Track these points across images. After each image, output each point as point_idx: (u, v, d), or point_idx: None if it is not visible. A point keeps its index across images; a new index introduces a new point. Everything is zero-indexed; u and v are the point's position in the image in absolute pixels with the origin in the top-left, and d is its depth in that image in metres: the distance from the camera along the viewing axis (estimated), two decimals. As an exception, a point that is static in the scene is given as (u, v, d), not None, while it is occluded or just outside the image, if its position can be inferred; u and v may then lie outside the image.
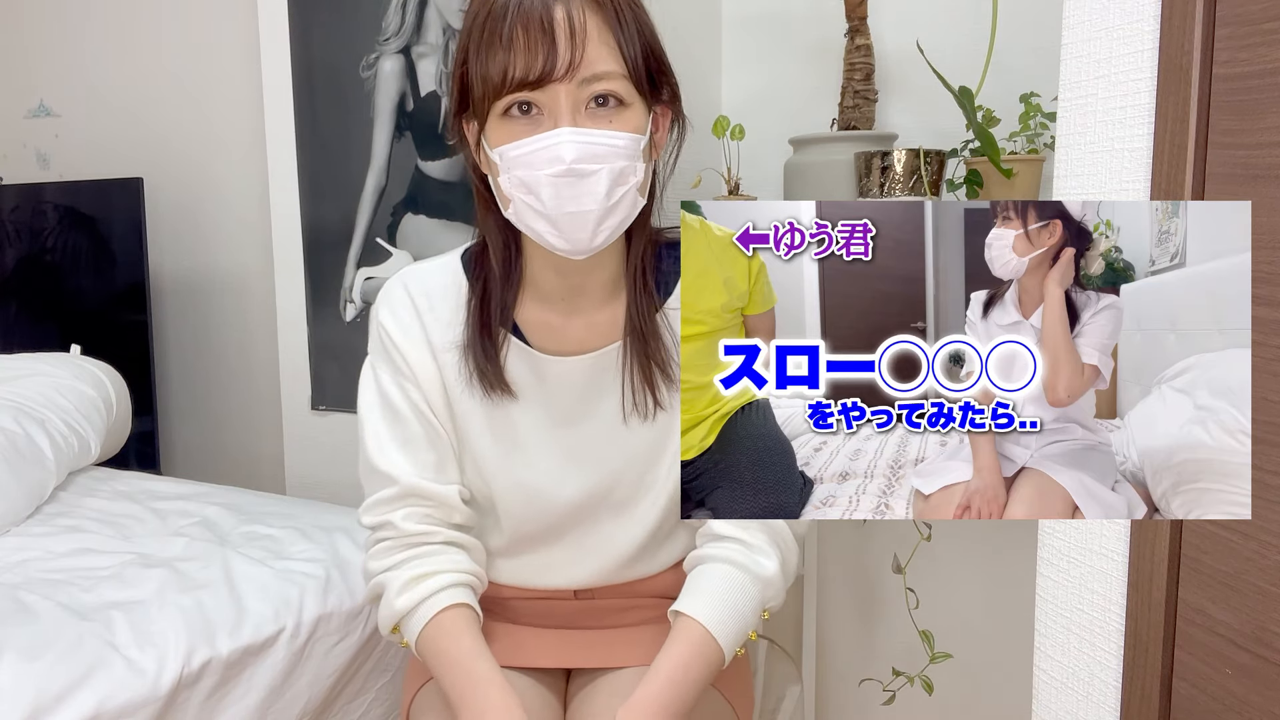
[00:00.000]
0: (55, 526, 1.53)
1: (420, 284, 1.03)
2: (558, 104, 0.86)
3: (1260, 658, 0.62)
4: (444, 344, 1.01)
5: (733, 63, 1.74)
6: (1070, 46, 0.73)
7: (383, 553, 1.03)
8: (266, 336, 2.23)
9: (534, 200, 0.88)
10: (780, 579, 0.99)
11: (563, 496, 1.03)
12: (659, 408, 1.00)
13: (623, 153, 0.88)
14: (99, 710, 1.05)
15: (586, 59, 0.85)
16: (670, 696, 0.92)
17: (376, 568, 1.03)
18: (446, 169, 1.75)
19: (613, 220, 0.90)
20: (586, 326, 1.01)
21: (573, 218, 0.88)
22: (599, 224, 0.89)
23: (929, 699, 1.52)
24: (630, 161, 0.89)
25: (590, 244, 0.90)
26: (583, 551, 1.06)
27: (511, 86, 0.86)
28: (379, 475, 1.02)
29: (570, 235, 0.89)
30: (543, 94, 0.86)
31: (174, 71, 2.35)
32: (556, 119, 0.86)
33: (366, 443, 1.03)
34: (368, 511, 1.04)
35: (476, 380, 1.00)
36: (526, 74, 0.85)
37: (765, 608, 1.00)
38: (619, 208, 0.90)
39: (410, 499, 1.02)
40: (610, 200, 0.88)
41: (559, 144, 0.86)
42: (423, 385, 1.02)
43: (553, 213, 0.88)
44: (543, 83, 0.85)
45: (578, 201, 0.87)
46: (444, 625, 0.98)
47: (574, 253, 0.91)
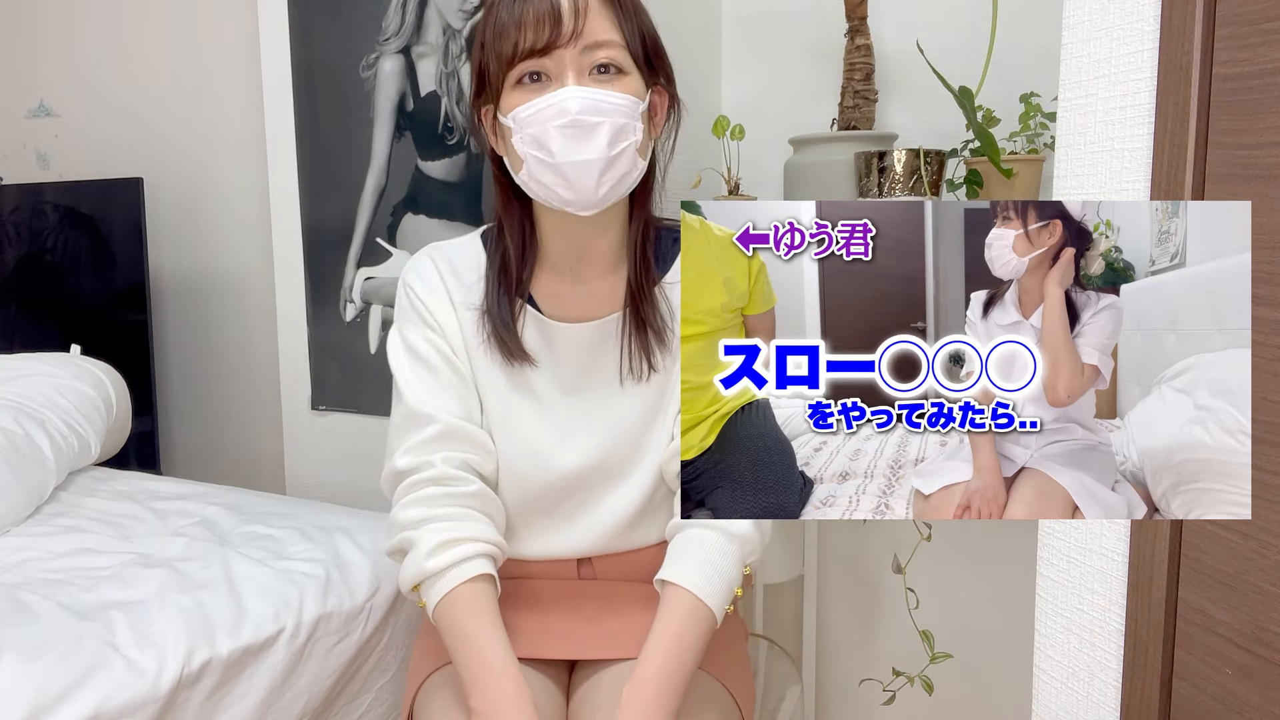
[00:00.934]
0: (55, 526, 1.53)
1: (445, 255, 1.12)
2: (563, 68, 0.96)
3: (1260, 658, 0.62)
4: (464, 303, 1.09)
5: (733, 63, 1.74)
6: (1070, 46, 0.73)
7: (415, 503, 1.04)
8: (266, 336, 2.24)
9: (543, 153, 0.97)
10: (755, 534, 1.05)
11: (563, 460, 1.09)
12: (653, 370, 1.07)
13: (623, 110, 0.97)
14: (99, 710, 1.05)
15: (588, 28, 0.96)
16: (671, 668, 0.96)
17: (406, 519, 1.04)
18: (446, 169, 1.76)
19: (614, 173, 0.98)
20: (590, 295, 1.09)
21: (578, 166, 0.96)
22: (602, 174, 0.97)
23: (929, 699, 1.52)
24: (629, 120, 0.98)
25: (595, 194, 0.98)
26: (580, 517, 1.11)
27: (522, 55, 0.96)
28: (419, 418, 1.06)
29: (577, 184, 0.97)
30: (550, 60, 0.96)
31: (174, 71, 2.35)
32: (563, 80, 0.96)
33: (403, 392, 1.08)
34: (405, 454, 1.06)
35: (496, 346, 1.08)
36: (535, 43, 0.96)
37: (746, 563, 1.05)
38: (619, 160, 0.98)
39: (449, 440, 1.06)
40: (612, 151, 0.96)
41: (565, 99, 0.96)
42: (448, 336, 1.09)
43: (560, 161, 0.96)
44: (549, 49, 0.96)
45: (583, 150, 0.96)
46: (465, 598, 1.00)
47: (579, 204, 0.99)
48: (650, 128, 1.03)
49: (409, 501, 1.05)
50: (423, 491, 1.04)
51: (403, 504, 1.05)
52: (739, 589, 1.04)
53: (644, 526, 1.12)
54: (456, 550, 1.01)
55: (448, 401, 1.07)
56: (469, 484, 1.05)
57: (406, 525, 1.04)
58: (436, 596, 1.01)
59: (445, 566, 1.01)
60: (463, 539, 1.02)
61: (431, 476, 1.04)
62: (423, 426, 1.06)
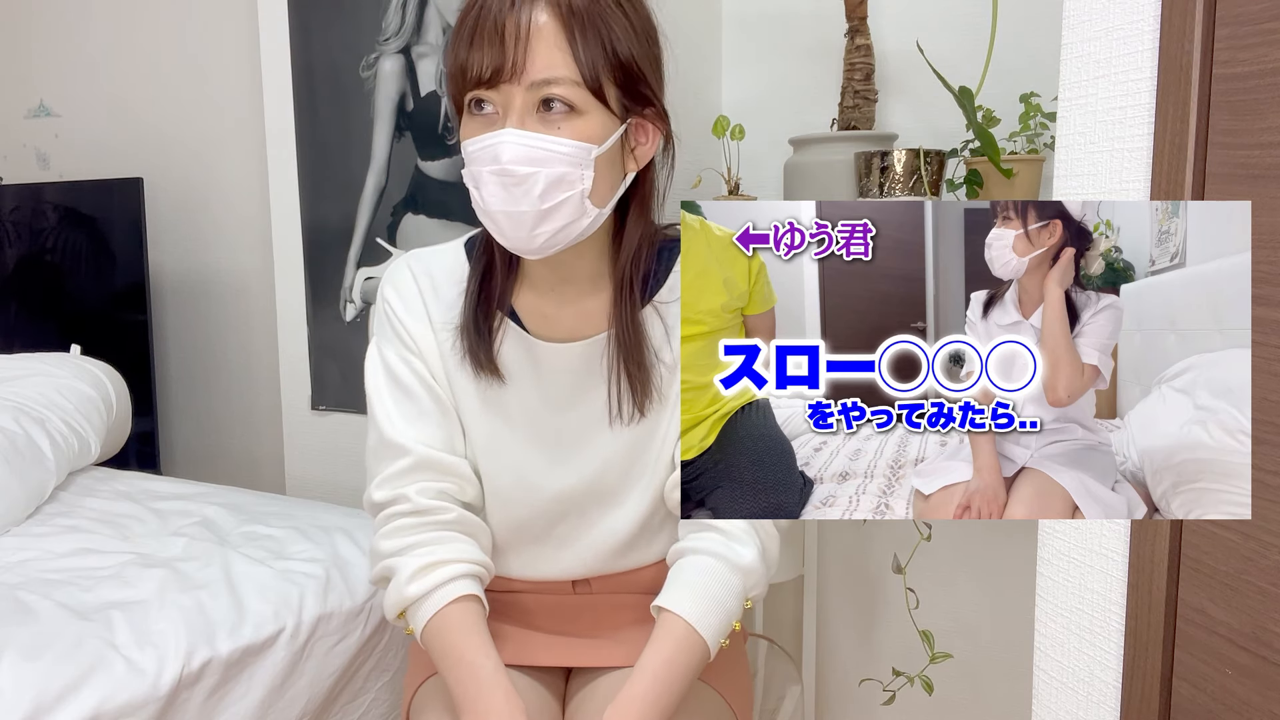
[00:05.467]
0: (55, 526, 1.53)
1: (424, 266, 1.06)
2: (510, 104, 0.89)
3: (1260, 658, 0.62)
4: (442, 322, 1.04)
5: (733, 63, 1.74)
6: (1070, 46, 0.73)
7: (394, 533, 1.02)
8: (266, 336, 2.24)
9: (478, 196, 0.92)
10: (760, 567, 1.01)
11: (551, 482, 1.04)
12: (640, 415, 1.02)
13: (564, 159, 0.89)
14: (99, 710, 1.05)
15: (534, 64, 0.87)
16: (657, 693, 0.93)
17: (387, 548, 1.03)
18: (446, 169, 1.76)
19: (551, 225, 0.92)
20: (577, 314, 1.03)
21: (509, 216, 0.91)
22: (535, 226, 0.91)
23: (929, 699, 1.52)
24: (573, 169, 0.90)
25: (531, 244, 0.93)
26: (574, 540, 1.07)
27: (470, 83, 0.90)
28: (392, 448, 1.03)
29: (509, 234, 0.93)
30: (496, 94, 0.90)
31: (174, 71, 2.35)
32: (506, 119, 0.89)
33: (378, 419, 1.04)
34: (380, 487, 1.03)
35: (468, 361, 1.03)
36: (481, 72, 0.89)
37: (747, 596, 1.01)
38: (556, 214, 0.91)
39: (423, 471, 1.02)
40: (545, 204, 0.90)
41: (499, 144, 0.89)
42: (426, 358, 1.04)
43: (491, 209, 0.91)
44: (494, 83, 0.89)
45: (514, 202, 0.90)
46: (452, 619, 0.98)
47: (521, 250, 0.95)
48: (628, 159, 0.95)
49: (387, 532, 1.03)
50: (400, 522, 1.02)
51: (381, 534, 1.04)
52: (737, 623, 1.01)
53: (642, 549, 1.08)
54: (437, 573, 0.99)
55: (424, 430, 1.03)
56: (447, 512, 1.02)
57: (386, 554, 1.02)
58: (421, 621, 0.99)
59: (427, 591, 0.99)
60: (443, 561, 1.00)
61: (407, 510, 1.02)
62: (396, 458, 1.03)
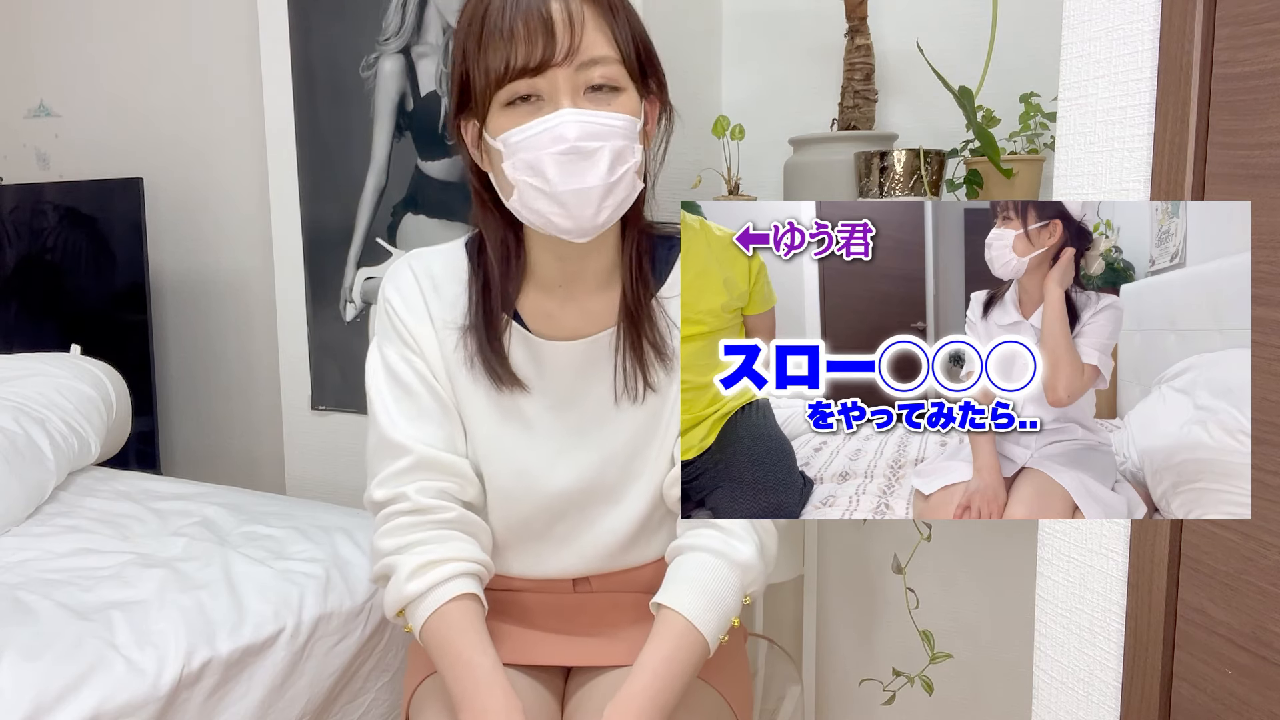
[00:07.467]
0: (55, 526, 1.53)
1: (425, 266, 1.07)
2: (557, 89, 0.90)
3: (1260, 658, 0.62)
4: (444, 321, 1.04)
5: (733, 63, 1.74)
6: (1070, 46, 0.73)
7: (394, 531, 1.03)
8: (266, 336, 2.23)
9: (539, 181, 0.91)
10: (759, 563, 1.01)
11: (555, 480, 1.05)
12: (649, 389, 1.03)
13: (621, 133, 0.92)
14: (99, 710, 1.05)
15: (584, 45, 0.90)
16: (657, 689, 0.93)
17: (387, 547, 1.03)
18: (446, 169, 1.76)
19: (614, 199, 0.93)
20: (582, 313, 1.04)
21: (577, 194, 0.91)
22: (602, 201, 0.92)
23: (929, 699, 1.52)
24: (628, 142, 0.93)
25: (594, 221, 0.93)
26: (574, 538, 1.08)
27: (513, 74, 0.90)
28: (392, 447, 1.03)
29: (576, 213, 0.92)
30: (543, 80, 0.90)
31: (174, 71, 2.35)
32: (557, 103, 0.90)
33: (378, 418, 1.05)
34: (380, 485, 1.04)
35: (483, 370, 1.03)
36: (528, 61, 0.89)
37: (746, 593, 1.01)
38: (619, 186, 0.93)
39: (424, 470, 1.03)
40: (612, 177, 0.92)
41: (562, 124, 0.90)
42: (428, 358, 1.04)
43: (559, 189, 0.91)
44: (543, 69, 0.89)
45: (582, 178, 0.91)
46: (450, 617, 0.99)
47: (578, 232, 0.94)
48: (644, 136, 0.98)
49: (387, 530, 1.03)
50: (399, 520, 1.03)
51: (381, 533, 1.04)
52: (736, 619, 1.02)
53: (642, 547, 1.09)
54: (437, 572, 1.00)
55: (424, 429, 1.03)
56: (447, 511, 1.03)
57: (386, 553, 1.03)
58: (420, 619, 1.00)
59: (426, 589, 0.99)
60: (442, 560, 1.00)
61: (406, 509, 1.02)
62: (396, 457, 1.03)
